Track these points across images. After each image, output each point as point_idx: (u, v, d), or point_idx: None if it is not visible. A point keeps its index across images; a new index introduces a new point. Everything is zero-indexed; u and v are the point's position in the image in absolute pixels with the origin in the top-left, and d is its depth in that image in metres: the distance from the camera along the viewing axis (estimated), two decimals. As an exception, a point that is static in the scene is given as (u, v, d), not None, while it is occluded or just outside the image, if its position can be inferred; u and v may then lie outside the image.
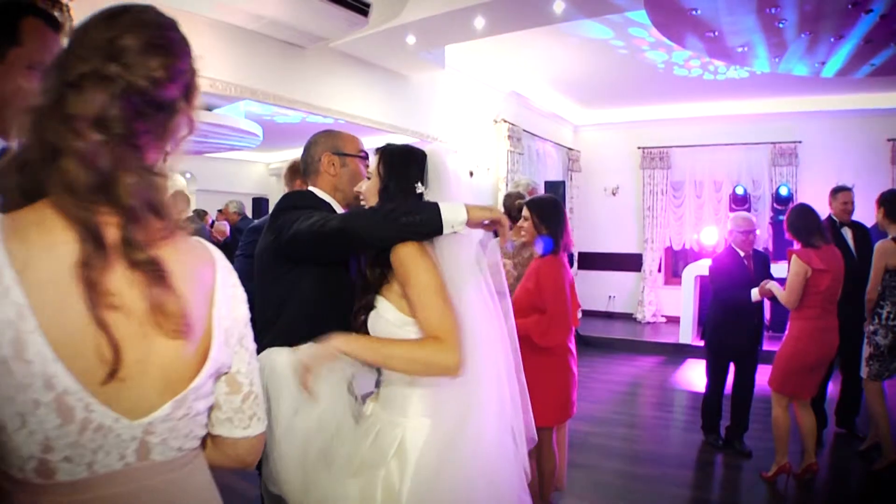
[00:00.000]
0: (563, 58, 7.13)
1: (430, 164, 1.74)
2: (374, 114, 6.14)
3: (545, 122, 9.31)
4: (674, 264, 10.09)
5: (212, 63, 4.65)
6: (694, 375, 6.73)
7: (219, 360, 0.92)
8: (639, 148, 9.95)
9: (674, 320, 8.95)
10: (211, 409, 0.97)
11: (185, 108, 0.92)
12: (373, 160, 1.81)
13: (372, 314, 1.65)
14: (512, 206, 4.06)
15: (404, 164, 1.75)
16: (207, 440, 1.01)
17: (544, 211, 3.08)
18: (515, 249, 3.88)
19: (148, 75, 0.85)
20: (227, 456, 1.02)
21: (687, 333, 7.98)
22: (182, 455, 0.91)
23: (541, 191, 5.51)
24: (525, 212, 3.12)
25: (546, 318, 2.89)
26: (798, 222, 3.74)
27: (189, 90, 0.93)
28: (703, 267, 7.42)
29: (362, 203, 1.83)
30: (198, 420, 0.92)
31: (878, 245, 4.09)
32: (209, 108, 6.59)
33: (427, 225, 1.57)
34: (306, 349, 1.53)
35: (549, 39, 6.37)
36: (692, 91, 8.34)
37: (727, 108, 9.05)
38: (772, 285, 3.91)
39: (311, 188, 2.03)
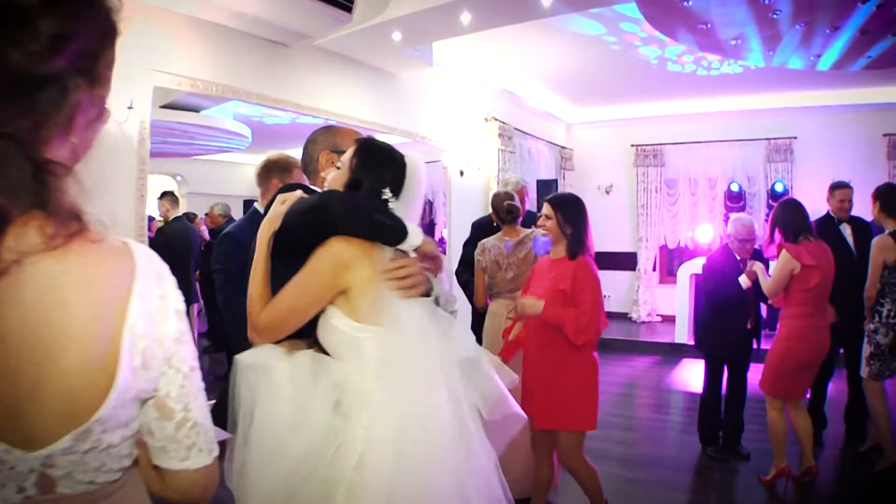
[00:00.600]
0: (554, 54, 7.03)
1: (408, 174, 1.65)
2: (361, 113, 6.02)
3: (537, 120, 9.21)
4: (669, 263, 10.01)
5: (193, 62, 4.54)
6: (690, 375, 6.63)
7: (131, 386, 0.79)
8: (632, 145, 9.86)
9: (669, 319, 8.85)
10: (147, 434, 0.86)
11: (82, 85, 0.76)
12: (347, 151, 1.71)
13: (320, 320, 1.54)
14: (500, 206, 3.99)
15: (382, 164, 1.65)
16: (152, 470, 0.90)
17: (569, 210, 2.95)
18: (512, 249, 3.85)
19: (25, 47, 0.69)
20: (171, 489, 0.90)
21: (682, 333, 7.91)
22: (97, 488, 0.80)
23: (532, 189, 5.41)
24: (547, 210, 2.97)
25: (585, 315, 2.83)
26: (784, 217, 3.64)
27: (87, 62, 0.77)
28: (698, 265, 7.30)
29: None
30: (112, 452, 0.80)
31: (875, 241, 4.00)
32: (196, 110, 6.47)
33: (392, 232, 1.57)
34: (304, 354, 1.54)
35: (539, 36, 6.27)
36: (686, 87, 8.26)
37: (721, 104, 8.94)
38: (757, 267, 3.81)
39: (312, 187, 1.96)
